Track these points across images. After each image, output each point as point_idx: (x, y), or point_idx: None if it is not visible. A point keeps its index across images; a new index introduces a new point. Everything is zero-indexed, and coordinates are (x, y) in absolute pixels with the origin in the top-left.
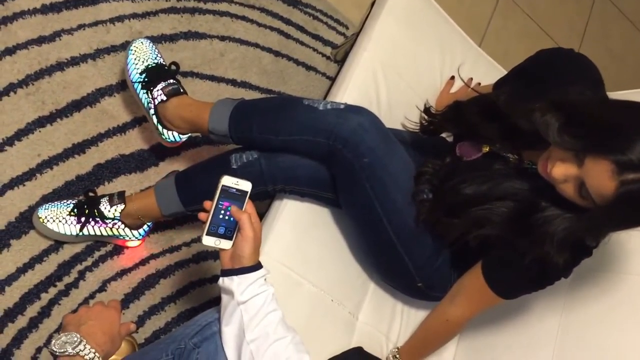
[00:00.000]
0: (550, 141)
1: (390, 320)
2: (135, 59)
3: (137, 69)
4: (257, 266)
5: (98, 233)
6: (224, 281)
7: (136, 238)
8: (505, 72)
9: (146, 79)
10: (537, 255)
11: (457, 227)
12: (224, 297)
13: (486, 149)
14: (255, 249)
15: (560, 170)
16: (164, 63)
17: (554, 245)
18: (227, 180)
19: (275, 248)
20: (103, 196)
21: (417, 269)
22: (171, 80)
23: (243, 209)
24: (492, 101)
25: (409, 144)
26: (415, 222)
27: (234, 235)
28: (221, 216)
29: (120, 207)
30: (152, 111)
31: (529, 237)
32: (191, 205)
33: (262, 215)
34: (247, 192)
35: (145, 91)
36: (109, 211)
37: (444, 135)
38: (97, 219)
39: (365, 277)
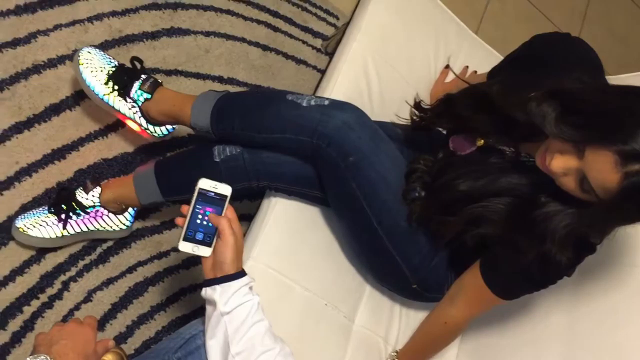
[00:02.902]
0: (547, 132)
1: (388, 323)
2: (91, 72)
3: (99, 80)
4: (241, 274)
5: (84, 229)
6: (206, 291)
7: (125, 226)
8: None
9: (116, 87)
10: (538, 254)
11: (452, 226)
12: (208, 309)
13: (481, 143)
14: (237, 255)
15: (560, 163)
16: (122, 63)
17: (556, 243)
18: (204, 184)
19: (264, 251)
20: (76, 187)
21: (411, 270)
22: (144, 76)
23: (222, 214)
24: (485, 92)
25: (402, 140)
26: (407, 222)
27: (214, 242)
28: (199, 221)
29: (97, 190)
30: (138, 115)
31: (528, 235)
32: (171, 196)
33: (250, 217)
34: (226, 196)
35: (121, 99)
36: (87, 199)
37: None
38: (78, 212)
39: (360, 279)
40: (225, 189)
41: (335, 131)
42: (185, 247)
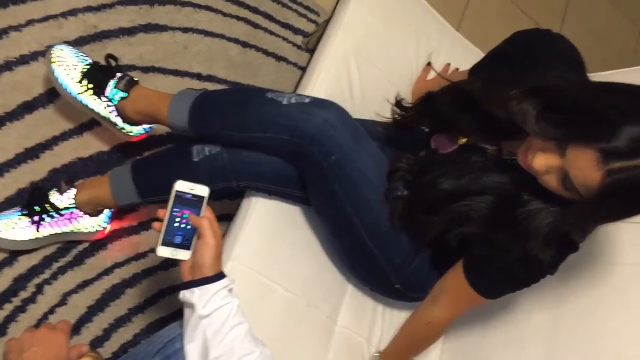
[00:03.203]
0: (529, 130)
1: (370, 323)
2: (64, 70)
3: (73, 78)
4: (220, 276)
5: (58, 231)
6: (184, 294)
7: (101, 227)
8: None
9: (90, 86)
10: (521, 253)
11: (435, 225)
12: (186, 312)
13: (463, 141)
14: (216, 257)
15: (541, 161)
16: (96, 60)
17: (539, 242)
18: (181, 186)
19: (245, 252)
20: (50, 188)
21: (394, 270)
22: (119, 74)
23: (200, 214)
24: (466, 90)
25: (384, 138)
26: (389, 221)
27: (192, 245)
28: (177, 224)
29: (72, 191)
30: (114, 114)
31: (511, 234)
32: (149, 197)
33: (230, 217)
34: (204, 197)
35: (95, 97)
36: (62, 201)
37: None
38: (52, 214)
39: (342, 279)
40: (203, 190)
41: (317, 129)
42: (164, 252)
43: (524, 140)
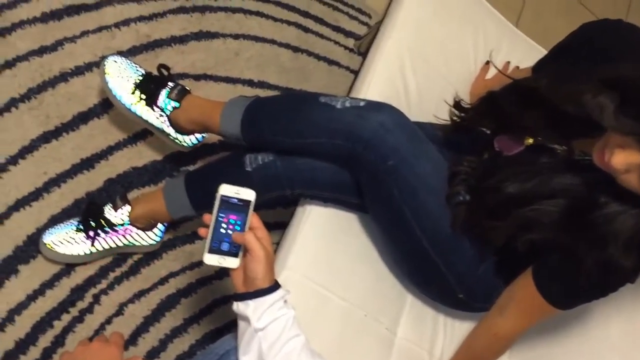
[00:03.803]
0: (606, 126)
1: (432, 334)
2: (118, 81)
3: (126, 89)
4: (274, 287)
5: (112, 245)
6: (238, 306)
7: (154, 241)
8: (546, 53)
9: (143, 96)
10: (597, 259)
11: (501, 232)
12: (241, 324)
13: (529, 142)
14: (268, 268)
15: (621, 159)
16: (149, 71)
17: (619, 247)
18: (226, 190)
19: (300, 261)
20: (105, 202)
21: (457, 279)
22: (171, 84)
23: (247, 222)
24: (532, 87)
25: (442, 141)
26: (451, 228)
27: (240, 252)
28: (223, 230)
29: (126, 208)
30: (166, 124)
31: (587, 239)
32: (203, 209)
33: (284, 224)
34: (250, 201)
35: (148, 108)
36: (116, 217)
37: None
38: (107, 230)
39: (401, 288)
40: (249, 194)
41: (372, 134)
42: (211, 259)
43: (598, 138)
